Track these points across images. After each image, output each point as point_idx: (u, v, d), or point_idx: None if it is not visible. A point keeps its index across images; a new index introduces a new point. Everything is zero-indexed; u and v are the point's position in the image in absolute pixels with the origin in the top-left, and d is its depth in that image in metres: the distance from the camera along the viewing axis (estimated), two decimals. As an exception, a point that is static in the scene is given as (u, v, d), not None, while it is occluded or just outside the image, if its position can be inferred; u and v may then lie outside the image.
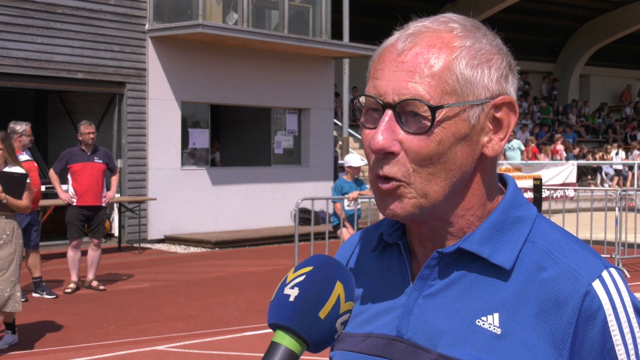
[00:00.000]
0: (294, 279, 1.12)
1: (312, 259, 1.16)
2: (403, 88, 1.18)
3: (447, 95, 1.18)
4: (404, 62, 1.19)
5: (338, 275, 1.12)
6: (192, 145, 15.27)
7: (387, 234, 1.31)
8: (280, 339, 1.09)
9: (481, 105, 1.20)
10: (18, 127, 9.11)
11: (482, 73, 1.20)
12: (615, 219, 11.28)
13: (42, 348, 7.06)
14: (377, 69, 1.23)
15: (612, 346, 1.16)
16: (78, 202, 9.51)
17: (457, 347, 1.18)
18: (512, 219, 1.24)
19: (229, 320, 8.19)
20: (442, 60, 1.18)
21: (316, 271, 1.12)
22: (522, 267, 1.20)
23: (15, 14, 12.67)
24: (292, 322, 1.09)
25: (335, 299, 1.11)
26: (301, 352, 1.10)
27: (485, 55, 1.21)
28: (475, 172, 1.23)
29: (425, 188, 1.19)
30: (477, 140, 1.21)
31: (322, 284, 1.11)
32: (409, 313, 1.24)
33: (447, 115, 1.18)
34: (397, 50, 1.21)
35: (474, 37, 1.21)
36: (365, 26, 23.67)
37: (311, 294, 1.10)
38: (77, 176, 9.53)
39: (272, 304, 1.13)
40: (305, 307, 1.09)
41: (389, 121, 1.19)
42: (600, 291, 1.17)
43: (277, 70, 16.04)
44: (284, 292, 1.11)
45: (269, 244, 14.51)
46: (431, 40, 1.20)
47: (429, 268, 1.24)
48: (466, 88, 1.19)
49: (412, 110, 1.18)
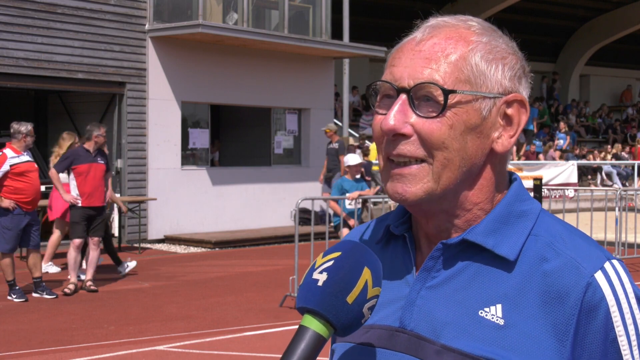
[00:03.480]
0: (323, 264, 1.15)
1: (340, 245, 1.18)
2: (419, 73, 1.21)
3: (461, 83, 1.21)
4: (422, 51, 1.23)
5: (366, 261, 1.15)
6: (192, 145, 15.27)
7: (393, 226, 1.33)
8: (308, 323, 1.12)
9: (493, 99, 1.23)
10: (23, 127, 9.08)
11: (496, 68, 1.23)
12: (615, 219, 11.28)
13: (42, 348, 7.05)
14: (394, 58, 1.26)
15: (614, 337, 1.17)
16: (84, 203, 9.49)
17: (460, 338, 1.19)
18: (517, 213, 1.25)
19: (229, 320, 8.19)
20: (459, 51, 1.22)
21: (344, 257, 1.15)
22: (526, 259, 1.21)
23: (15, 14, 12.66)
24: (320, 306, 1.12)
25: (363, 284, 1.13)
26: (328, 336, 1.13)
27: (501, 52, 1.25)
28: (484, 167, 1.25)
29: (440, 171, 1.21)
30: (487, 134, 1.23)
31: (350, 269, 1.13)
32: (412, 304, 1.24)
33: (460, 102, 1.20)
34: (416, 40, 1.25)
35: (490, 36, 1.25)
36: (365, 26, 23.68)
37: (339, 278, 1.13)
38: (83, 177, 9.50)
39: (300, 288, 1.16)
40: (334, 292, 1.12)
41: (402, 104, 1.21)
42: (602, 282, 1.17)
43: (277, 70, 16.03)
44: (313, 277, 1.14)
45: (269, 244, 14.51)
46: (449, 33, 1.24)
47: (432, 259, 1.25)
48: (480, 79, 1.22)
49: (426, 94, 1.20)
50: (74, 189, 9.53)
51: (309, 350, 1.11)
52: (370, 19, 25.08)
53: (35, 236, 9.15)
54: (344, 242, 1.19)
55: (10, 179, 8.90)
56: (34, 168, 9.16)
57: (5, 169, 8.88)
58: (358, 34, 20.31)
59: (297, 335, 1.12)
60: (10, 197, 8.90)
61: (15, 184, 8.92)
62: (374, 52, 16.83)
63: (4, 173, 8.88)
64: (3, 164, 8.89)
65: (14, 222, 8.90)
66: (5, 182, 8.90)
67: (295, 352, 1.10)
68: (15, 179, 8.92)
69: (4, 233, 8.92)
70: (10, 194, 8.91)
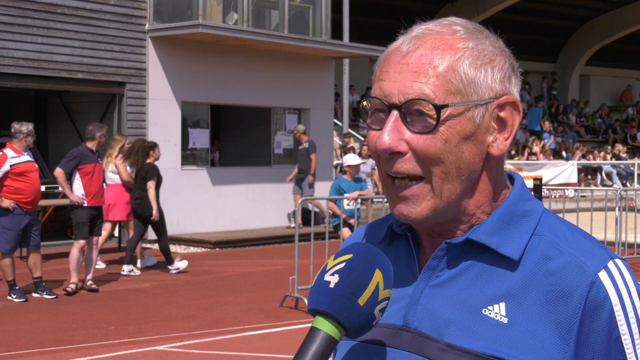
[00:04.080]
0: (334, 266, 1.16)
1: (351, 247, 1.19)
2: (408, 88, 1.20)
3: (452, 95, 1.20)
4: (409, 64, 1.21)
5: (377, 263, 1.16)
6: (192, 145, 15.27)
7: (396, 225, 1.33)
8: (320, 325, 1.13)
9: (485, 105, 1.23)
10: (24, 127, 9.08)
11: (485, 73, 1.23)
12: (615, 219, 11.29)
13: (42, 348, 7.05)
14: (382, 71, 1.25)
15: (618, 335, 1.17)
16: (90, 203, 9.49)
17: (463, 336, 1.20)
18: (520, 212, 1.26)
19: (229, 320, 8.19)
20: (446, 61, 1.21)
21: (356, 259, 1.16)
22: (529, 259, 1.22)
23: (15, 14, 12.66)
24: (332, 308, 1.13)
25: (375, 286, 1.14)
26: (340, 337, 1.14)
27: (488, 56, 1.24)
28: (482, 172, 1.26)
29: (441, 186, 1.21)
30: (482, 139, 1.23)
31: (362, 271, 1.14)
32: (416, 303, 1.25)
33: (452, 114, 1.20)
34: (402, 52, 1.23)
35: (476, 39, 1.24)
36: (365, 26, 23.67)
37: (351, 281, 1.14)
38: (89, 177, 9.49)
39: (312, 290, 1.16)
40: (345, 294, 1.13)
41: (395, 122, 1.21)
42: (606, 281, 1.18)
43: (277, 70, 16.03)
44: (324, 279, 1.15)
45: (269, 244, 14.50)
46: (435, 42, 1.22)
47: (437, 259, 1.26)
48: (470, 88, 1.21)
49: (418, 109, 1.20)
50: (79, 189, 9.51)
51: (321, 351, 1.12)
52: (370, 19, 25.07)
53: (35, 236, 9.15)
54: (355, 244, 1.20)
55: (11, 179, 8.90)
56: (34, 168, 9.16)
57: (5, 169, 8.88)
58: (358, 34, 20.31)
59: (308, 336, 1.13)
60: (11, 197, 8.90)
61: (15, 184, 8.92)
62: (374, 52, 16.83)
63: (4, 173, 8.88)
64: (3, 164, 8.89)
65: (14, 222, 8.90)
66: (5, 182, 8.90)
67: (307, 353, 1.11)
68: (16, 179, 8.92)
69: (4, 233, 8.92)
70: (10, 194, 8.91)
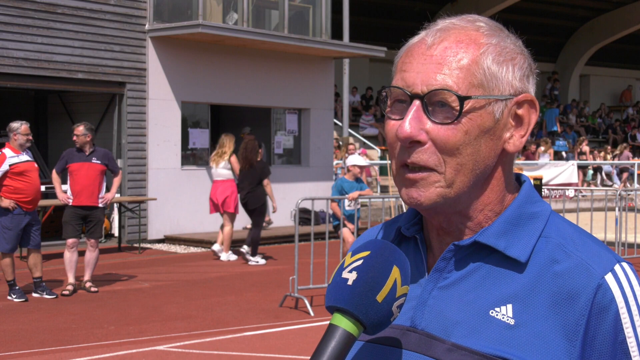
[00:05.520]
0: (352, 263, 1.16)
1: (369, 244, 1.20)
2: (432, 79, 1.21)
3: (474, 88, 1.22)
4: (433, 56, 1.23)
5: (395, 260, 1.17)
6: (192, 145, 15.27)
7: (404, 228, 1.34)
8: (338, 322, 1.14)
9: (505, 100, 1.24)
10: (14, 125, 9.12)
11: (506, 70, 1.24)
12: (615, 219, 11.28)
13: (42, 348, 7.05)
14: (405, 62, 1.26)
15: (624, 339, 1.18)
16: (73, 202, 9.53)
17: (470, 337, 1.20)
18: (528, 215, 1.27)
19: (229, 320, 8.19)
20: (470, 55, 1.22)
21: (374, 256, 1.16)
22: (536, 261, 1.22)
23: (15, 14, 12.66)
24: (350, 305, 1.13)
25: (392, 283, 1.15)
26: (358, 334, 1.14)
27: (510, 53, 1.26)
28: (496, 168, 1.27)
29: (453, 177, 1.22)
30: (500, 135, 1.25)
31: (380, 268, 1.15)
32: (424, 304, 1.25)
33: (474, 107, 1.21)
34: (427, 44, 1.25)
35: (499, 36, 1.26)
36: (365, 26, 23.70)
37: (369, 277, 1.14)
38: (74, 176, 9.55)
39: (330, 287, 1.17)
40: (363, 291, 1.14)
41: (417, 111, 1.22)
42: (612, 284, 1.19)
43: (277, 70, 16.03)
44: (342, 276, 1.16)
45: (269, 244, 14.50)
46: (459, 36, 1.24)
47: (444, 260, 1.26)
48: (492, 83, 1.23)
49: (440, 100, 1.21)
50: (68, 189, 9.58)
51: (340, 348, 1.12)
52: (370, 19, 25.09)
53: (35, 236, 9.15)
54: (372, 241, 1.21)
55: (10, 178, 8.90)
56: (33, 168, 9.16)
57: (4, 169, 8.88)
58: (358, 34, 20.33)
59: (327, 333, 1.13)
60: (10, 196, 8.90)
61: (15, 184, 8.92)
62: (374, 52, 16.83)
63: (3, 173, 8.88)
64: (2, 163, 8.89)
65: (14, 222, 8.90)
66: (5, 182, 8.90)
67: (326, 350, 1.12)
68: (15, 179, 8.92)
69: (4, 233, 8.92)
70: (10, 194, 8.91)
